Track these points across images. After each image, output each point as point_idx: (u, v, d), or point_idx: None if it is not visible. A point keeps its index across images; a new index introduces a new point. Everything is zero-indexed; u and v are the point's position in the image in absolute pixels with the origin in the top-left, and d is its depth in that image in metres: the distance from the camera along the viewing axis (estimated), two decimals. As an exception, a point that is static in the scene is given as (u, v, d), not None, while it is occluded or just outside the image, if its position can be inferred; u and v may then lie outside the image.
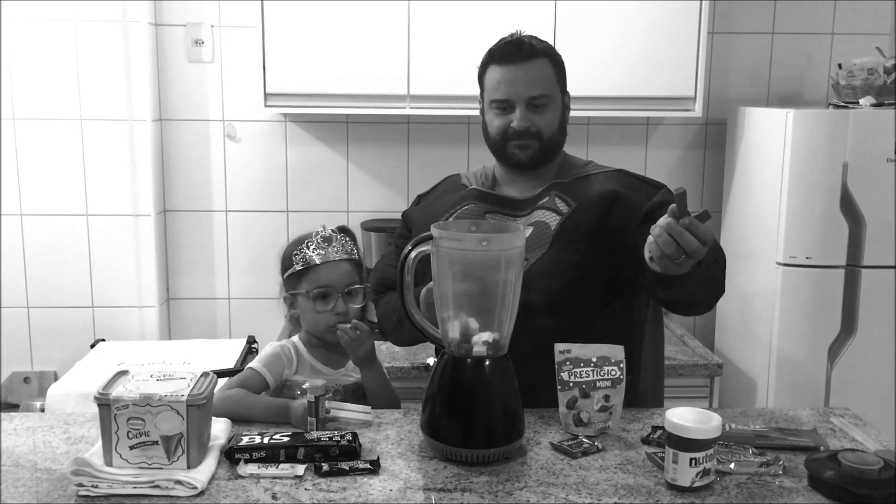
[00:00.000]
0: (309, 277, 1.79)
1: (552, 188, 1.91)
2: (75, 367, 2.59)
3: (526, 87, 1.84)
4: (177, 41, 3.05)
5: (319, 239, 1.79)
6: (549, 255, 1.83)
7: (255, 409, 1.68)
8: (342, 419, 1.65)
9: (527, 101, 1.84)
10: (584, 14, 2.76)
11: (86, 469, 1.37)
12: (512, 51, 1.85)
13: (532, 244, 1.83)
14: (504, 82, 1.85)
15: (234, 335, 3.22)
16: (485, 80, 1.91)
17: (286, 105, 2.85)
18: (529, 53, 1.85)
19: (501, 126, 1.87)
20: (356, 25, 2.75)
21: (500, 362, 1.52)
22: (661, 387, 2.09)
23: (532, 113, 1.85)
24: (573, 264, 1.82)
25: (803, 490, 1.41)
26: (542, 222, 1.87)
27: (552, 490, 1.39)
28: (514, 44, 1.87)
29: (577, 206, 1.86)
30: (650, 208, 1.83)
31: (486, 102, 1.91)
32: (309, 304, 1.79)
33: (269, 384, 1.77)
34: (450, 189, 2.03)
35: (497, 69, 1.86)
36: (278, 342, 1.85)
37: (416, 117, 3.12)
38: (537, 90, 1.85)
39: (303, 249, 1.78)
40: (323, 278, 1.79)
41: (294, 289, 1.81)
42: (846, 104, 2.83)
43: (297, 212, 3.18)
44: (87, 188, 3.00)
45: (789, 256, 2.72)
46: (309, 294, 1.78)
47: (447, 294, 1.54)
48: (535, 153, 1.88)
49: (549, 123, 1.87)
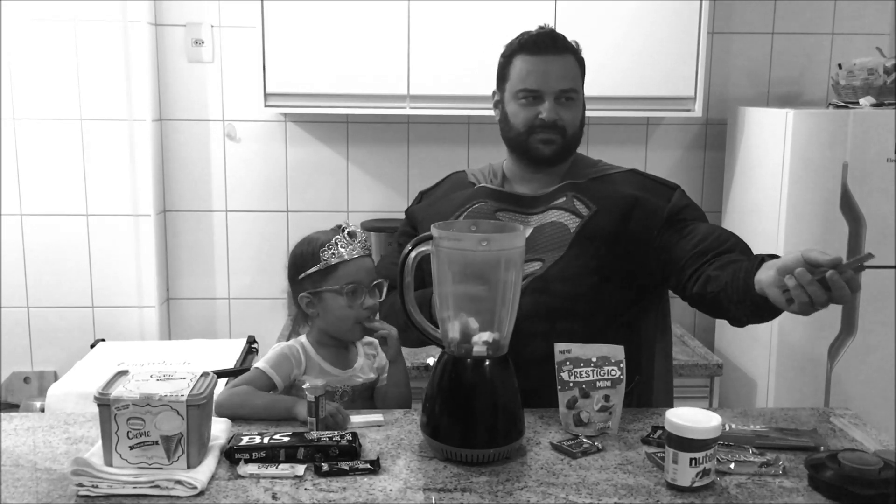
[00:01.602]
0: (338, 274, 1.76)
1: (568, 188, 1.88)
2: (75, 367, 2.59)
3: (557, 79, 1.83)
4: (177, 41, 3.05)
5: (346, 236, 1.78)
6: (568, 258, 1.81)
7: (259, 406, 1.67)
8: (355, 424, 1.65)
9: (557, 93, 1.83)
10: (584, 14, 2.76)
11: (86, 469, 1.37)
12: (546, 42, 1.84)
13: (547, 245, 1.83)
14: (535, 72, 1.83)
15: (234, 335, 3.23)
16: (510, 70, 1.87)
17: (286, 105, 2.85)
18: (563, 47, 1.85)
19: (528, 117, 1.84)
20: (356, 25, 2.75)
21: (500, 362, 1.52)
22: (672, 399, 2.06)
23: (560, 106, 1.84)
24: (592, 269, 1.81)
25: (803, 490, 1.41)
26: (560, 223, 1.84)
27: (552, 490, 1.39)
28: (548, 35, 1.85)
29: (597, 209, 1.84)
30: (671, 212, 1.83)
31: (511, 92, 1.87)
32: (338, 300, 1.76)
33: (276, 385, 1.76)
34: (456, 186, 2.00)
35: (528, 59, 1.84)
36: (285, 342, 1.84)
37: (416, 117, 3.12)
38: (568, 83, 1.84)
39: (332, 247, 1.76)
40: (353, 274, 1.77)
41: (318, 286, 1.78)
42: (846, 104, 2.83)
43: (297, 212, 3.18)
44: (87, 188, 3.00)
45: (789, 256, 2.72)
46: (342, 290, 1.76)
47: (447, 294, 1.54)
48: (559, 148, 1.86)
49: (574, 119, 1.87)
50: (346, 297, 1.76)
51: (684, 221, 1.83)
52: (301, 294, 1.80)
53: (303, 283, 1.79)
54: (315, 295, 1.79)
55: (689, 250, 1.75)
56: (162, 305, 3.13)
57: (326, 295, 1.78)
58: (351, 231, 1.79)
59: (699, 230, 1.79)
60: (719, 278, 1.64)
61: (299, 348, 1.80)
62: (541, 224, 1.86)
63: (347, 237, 1.78)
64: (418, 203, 2.06)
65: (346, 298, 1.76)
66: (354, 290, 1.77)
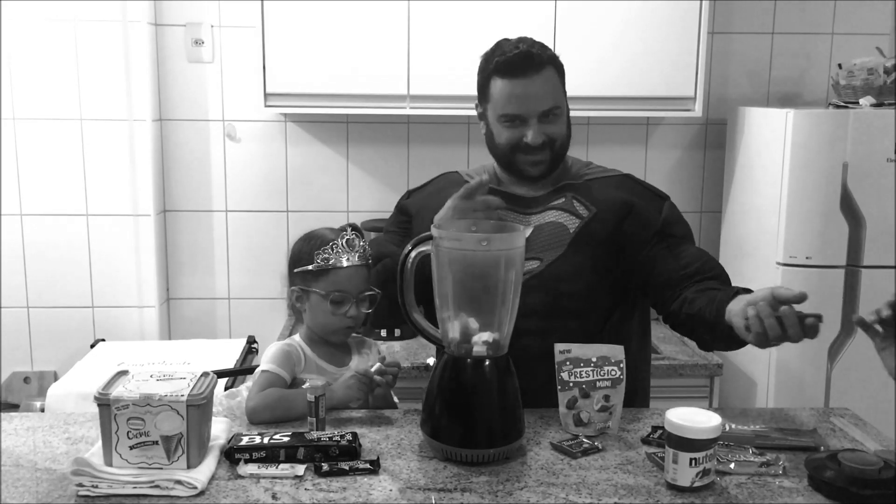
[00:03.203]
0: (328, 279, 1.76)
1: (566, 189, 1.89)
2: (75, 367, 2.59)
3: (538, 101, 1.79)
4: (177, 41, 3.05)
5: (344, 243, 1.77)
6: (567, 258, 1.82)
7: (296, 402, 1.66)
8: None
9: (539, 115, 1.80)
10: (584, 14, 2.76)
11: (86, 469, 1.37)
12: (520, 64, 1.78)
13: (546, 244, 1.83)
14: (515, 97, 1.79)
15: (234, 335, 3.22)
16: (490, 91, 1.83)
17: (286, 105, 2.85)
18: (539, 65, 1.79)
19: (512, 139, 1.82)
20: (356, 25, 2.75)
21: (500, 362, 1.52)
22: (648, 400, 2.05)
23: (544, 125, 1.81)
24: (589, 268, 1.82)
25: (803, 490, 1.41)
26: (559, 223, 1.85)
27: (552, 490, 1.39)
28: (523, 56, 1.78)
29: (596, 211, 1.85)
30: (663, 224, 1.86)
31: (495, 115, 1.84)
32: (323, 304, 1.77)
33: (287, 383, 1.76)
34: (450, 185, 1.98)
35: (505, 83, 1.79)
36: (282, 341, 1.84)
37: (416, 117, 3.12)
38: (549, 102, 1.80)
39: (327, 250, 1.75)
40: (342, 283, 1.76)
41: (308, 285, 1.78)
42: (846, 104, 2.83)
43: (297, 212, 3.18)
44: (87, 188, 3.00)
45: (789, 256, 2.72)
46: (328, 295, 1.76)
47: (447, 294, 1.54)
48: (546, 166, 1.85)
49: (560, 132, 1.84)
50: (331, 305, 1.77)
51: (674, 237, 1.86)
52: (292, 287, 1.81)
53: (295, 277, 1.80)
54: (304, 292, 1.80)
55: (676, 270, 1.79)
56: (162, 305, 3.13)
57: (313, 296, 1.78)
58: (349, 239, 1.78)
59: (688, 252, 1.83)
60: (696, 302, 1.69)
61: (297, 346, 1.81)
62: (541, 224, 1.87)
63: (345, 245, 1.77)
64: (407, 199, 2.05)
65: (330, 305, 1.77)
66: (340, 300, 1.77)
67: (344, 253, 1.76)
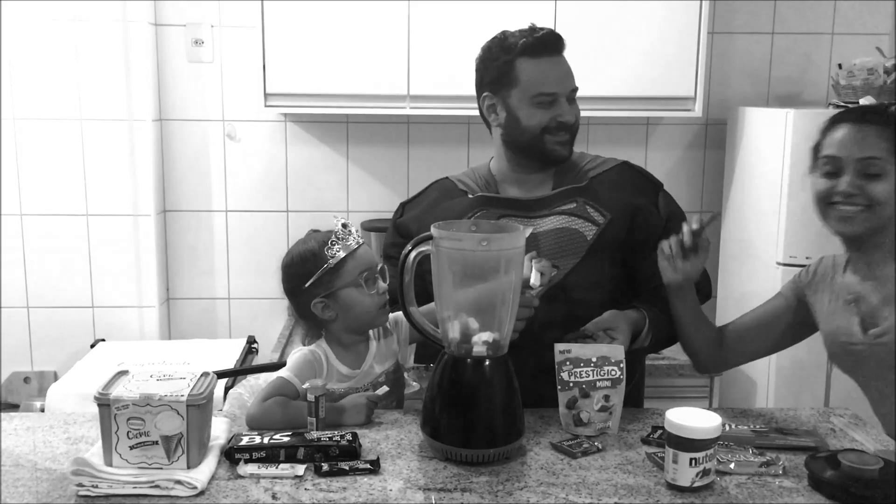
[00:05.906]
0: (347, 268, 1.71)
1: (576, 193, 1.88)
2: (75, 367, 2.59)
3: (569, 78, 1.86)
4: (177, 41, 3.05)
5: (341, 227, 1.76)
6: (587, 265, 1.83)
7: (297, 421, 1.63)
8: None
9: (569, 93, 1.85)
10: (585, 14, 2.76)
11: (86, 469, 1.37)
12: (552, 43, 1.84)
13: (563, 252, 1.83)
14: (550, 74, 1.83)
15: (234, 335, 3.22)
16: (515, 74, 1.82)
17: (286, 105, 2.85)
18: (562, 45, 1.86)
19: (544, 120, 1.83)
20: (356, 25, 2.75)
21: (500, 362, 1.52)
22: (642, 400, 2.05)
23: (571, 105, 1.86)
24: (609, 276, 1.85)
25: (803, 490, 1.41)
26: (574, 230, 1.84)
27: (552, 490, 1.39)
28: (552, 35, 1.85)
29: (612, 217, 1.85)
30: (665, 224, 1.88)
31: (525, 96, 1.83)
32: (355, 293, 1.72)
33: (297, 391, 1.70)
34: (445, 195, 1.95)
35: (538, 62, 1.82)
36: (306, 348, 1.78)
37: (416, 117, 3.12)
38: (574, 82, 1.86)
39: (335, 242, 1.73)
40: (363, 263, 1.73)
41: (331, 287, 1.72)
42: (846, 104, 2.83)
43: (297, 212, 3.18)
44: (87, 188, 3.00)
45: (789, 256, 2.72)
46: (361, 276, 1.74)
47: (447, 294, 1.54)
48: (571, 147, 1.89)
49: (578, 115, 1.89)
50: (366, 285, 1.73)
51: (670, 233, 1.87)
52: (314, 301, 1.73)
53: (311, 289, 1.73)
54: (329, 297, 1.73)
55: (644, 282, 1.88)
56: (162, 305, 3.13)
57: (342, 292, 1.72)
58: (344, 222, 1.77)
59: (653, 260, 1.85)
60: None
61: (322, 354, 1.75)
62: (552, 229, 1.84)
63: (343, 229, 1.75)
64: (401, 216, 1.99)
65: (364, 287, 1.73)
66: (371, 276, 1.74)
67: (348, 237, 1.74)
